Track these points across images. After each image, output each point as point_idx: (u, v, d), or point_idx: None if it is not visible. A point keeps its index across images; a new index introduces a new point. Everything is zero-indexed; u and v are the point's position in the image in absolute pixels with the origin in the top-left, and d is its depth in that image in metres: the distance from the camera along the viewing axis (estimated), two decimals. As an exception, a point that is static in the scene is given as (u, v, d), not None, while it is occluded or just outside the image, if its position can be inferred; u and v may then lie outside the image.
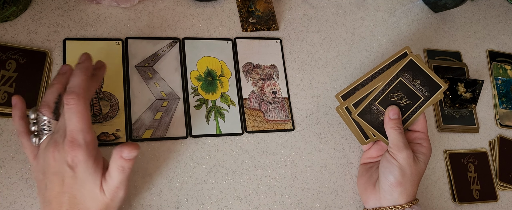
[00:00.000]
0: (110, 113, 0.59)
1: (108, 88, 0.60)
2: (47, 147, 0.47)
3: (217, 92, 0.65)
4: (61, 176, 0.46)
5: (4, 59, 0.56)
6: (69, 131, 0.45)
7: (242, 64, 0.67)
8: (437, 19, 0.85)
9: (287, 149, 0.66)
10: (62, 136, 0.46)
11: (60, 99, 0.49)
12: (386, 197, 0.59)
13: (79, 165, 0.45)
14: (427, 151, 0.61)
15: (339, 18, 0.77)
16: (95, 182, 0.47)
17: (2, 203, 0.52)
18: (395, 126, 0.60)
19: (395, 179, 0.58)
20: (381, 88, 0.62)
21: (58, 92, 0.49)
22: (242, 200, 0.61)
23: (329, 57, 0.73)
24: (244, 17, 0.70)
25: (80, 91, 0.45)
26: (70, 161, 0.45)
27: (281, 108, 0.67)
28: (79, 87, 0.45)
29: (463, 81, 0.76)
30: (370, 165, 0.65)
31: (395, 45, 0.78)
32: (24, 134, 0.49)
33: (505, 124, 0.81)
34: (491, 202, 0.74)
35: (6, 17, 0.57)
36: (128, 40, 0.63)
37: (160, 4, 0.67)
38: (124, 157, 0.46)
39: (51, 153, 0.46)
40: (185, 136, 0.61)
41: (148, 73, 0.62)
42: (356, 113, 0.62)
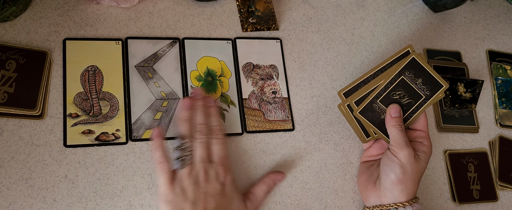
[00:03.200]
0: (110, 113, 0.59)
1: (108, 88, 0.60)
2: (194, 173, 0.54)
3: (217, 92, 0.65)
4: (212, 194, 0.53)
5: (4, 59, 0.56)
6: (219, 158, 0.55)
7: (242, 64, 0.67)
8: (437, 19, 0.85)
9: (287, 149, 0.66)
10: (207, 162, 0.54)
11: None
12: (386, 195, 0.59)
13: (228, 184, 0.55)
14: (428, 150, 0.61)
15: (339, 18, 0.77)
16: (240, 199, 0.56)
17: (2, 203, 0.52)
18: (396, 124, 0.60)
19: (396, 177, 0.58)
20: (383, 87, 0.62)
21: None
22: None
23: (329, 57, 0.73)
24: (244, 17, 0.70)
25: (222, 128, 0.58)
26: (223, 180, 0.54)
27: (281, 108, 0.67)
28: (220, 124, 0.58)
29: (463, 81, 0.76)
30: (370, 163, 0.65)
31: (395, 45, 0.78)
32: (165, 161, 0.54)
33: (505, 124, 0.81)
34: (491, 202, 0.74)
35: (6, 17, 0.57)
36: (128, 40, 0.63)
37: (160, 4, 0.67)
38: (276, 181, 0.61)
39: (202, 175, 0.53)
40: (185, 136, 0.61)
41: (148, 73, 0.62)
42: (358, 110, 0.62)
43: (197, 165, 0.54)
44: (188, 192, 0.52)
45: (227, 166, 0.55)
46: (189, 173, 0.53)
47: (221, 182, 0.54)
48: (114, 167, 0.57)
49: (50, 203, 0.54)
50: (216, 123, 0.57)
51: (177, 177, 0.54)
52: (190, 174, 0.53)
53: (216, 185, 0.54)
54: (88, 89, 0.59)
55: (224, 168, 0.55)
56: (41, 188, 0.54)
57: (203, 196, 0.52)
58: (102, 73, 0.60)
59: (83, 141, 0.57)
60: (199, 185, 0.53)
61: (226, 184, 0.55)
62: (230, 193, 0.55)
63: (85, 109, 0.58)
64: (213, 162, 0.55)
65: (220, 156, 0.55)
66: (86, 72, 0.60)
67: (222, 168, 0.55)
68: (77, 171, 0.56)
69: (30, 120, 0.56)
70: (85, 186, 0.56)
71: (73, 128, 0.57)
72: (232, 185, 0.55)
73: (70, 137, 0.56)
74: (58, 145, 0.56)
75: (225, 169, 0.55)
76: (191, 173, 0.53)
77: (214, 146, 0.56)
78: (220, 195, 0.54)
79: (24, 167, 0.54)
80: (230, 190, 0.55)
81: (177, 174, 0.54)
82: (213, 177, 0.54)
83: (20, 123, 0.56)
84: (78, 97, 0.58)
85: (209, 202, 0.52)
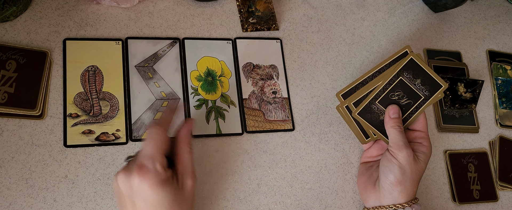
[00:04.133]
0: (110, 113, 0.59)
1: (108, 88, 0.60)
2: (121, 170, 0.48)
3: (217, 93, 0.65)
4: (131, 199, 0.47)
5: (4, 59, 0.56)
6: (139, 157, 0.47)
7: (242, 64, 0.67)
8: (437, 19, 0.85)
9: (287, 149, 0.66)
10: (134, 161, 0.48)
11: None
12: (386, 196, 0.59)
13: (147, 189, 0.46)
14: (427, 150, 0.61)
15: (339, 18, 0.77)
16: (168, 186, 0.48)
17: (2, 203, 0.52)
18: (395, 125, 0.60)
19: (395, 178, 0.58)
20: (381, 88, 0.62)
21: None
22: (242, 200, 0.61)
23: (329, 57, 0.73)
24: (244, 17, 0.70)
25: (160, 121, 0.50)
26: (136, 185, 0.46)
27: (281, 108, 0.67)
28: (162, 119, 0.51)
29: (463, 81, 0.76)
30: (370, 164, 0.65)
31: (395, 45, 0.78)
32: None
33: (505, 124, 0.80)
34: (491, 202, 0.74)
35: (6, 17, 0.57)
36: (128, 40, 0.63)
37: (160, 4, 0.67)
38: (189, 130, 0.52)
39: (121, 176, 0.47)
40: (185, 136, 0.61)
41: (148, 73, 0.62)
42: (357, 111, 0.62)
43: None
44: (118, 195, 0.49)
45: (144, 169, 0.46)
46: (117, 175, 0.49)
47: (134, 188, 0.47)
48: (114, 167, 0.57)
49: (50, 203, 0.54)
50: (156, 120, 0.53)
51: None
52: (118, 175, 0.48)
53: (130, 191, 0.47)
54: (88, 89, 0.59)
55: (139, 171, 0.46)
56: (41, 188, 0.54)
57: (124, 198, 0.48)
58: (102, 73, 0.60)
59: (83, 141, 0.57)
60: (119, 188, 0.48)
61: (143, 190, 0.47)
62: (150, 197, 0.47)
63: (85, 109, 0.58)
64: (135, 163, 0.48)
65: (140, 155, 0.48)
66: (86, 72, 0.60)
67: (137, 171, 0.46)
68: (77, 171, 0.56)
69: (30, 120, 0.56)
70: (85, 186, 0.56)
71: (73, 128, 0.57)
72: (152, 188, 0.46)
73: (70, 137, 0.56)
74: (58, 145, 0.56)
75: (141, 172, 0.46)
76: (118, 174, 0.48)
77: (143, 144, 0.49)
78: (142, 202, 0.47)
79: (24, 167, 0.54)
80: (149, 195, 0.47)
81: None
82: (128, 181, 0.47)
83: (20, 123, 0.56)
84: (78, 98, 0.58)
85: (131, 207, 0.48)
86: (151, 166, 0.47)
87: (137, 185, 0.46)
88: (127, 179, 0.47)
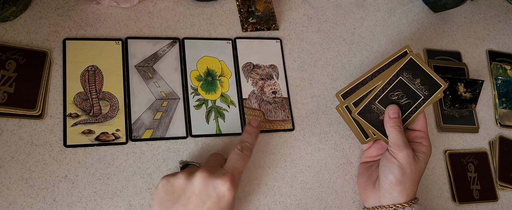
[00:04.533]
0: (110, 113, 0.59)
1: (108, 88, 0.60)
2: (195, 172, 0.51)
3: (217, 92, 0.65)
4: (204, 199, 0.50)
5: (4, 59, 0.56)
6: (232, 168, 0.52)
7: (242, 64, 0.67)
8: (437, 19, 0.85)
9: (287, 149, 0.66)
10: (218, 167, 0.53)
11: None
12: (386, 196, 0.59)
13: (228, 198, 0.50)
14: (427, 150, 0.60)
15: (339, 18, 0.77)
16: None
17: (2, 203, 0.52)
18: (395, 125, 0.59)
19: (395, 178, 0.58)
20: (381, 87, 0.62)
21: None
22: (242, 200, 0.61)
23: (329, 57, 0.73)
24: (244, 17, 0.70)
25: (253, 147, 0.56)
26: (223, 191, 0.50)
27: (281, 107, 0.67)
28: (254, 144, 0.56)
29: (463, 81, 0.76)
30: (370, 164, 0.65)
31: (395, 45, 0.78)
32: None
33: (505, 124, 0.80)
34: (491, 202, 0.74)
35: (6, 17, 0.57)
36: (128, 40, 0.63)
37: (160, 4, 0.67)
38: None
39: (202, 175, 0.50)
40: (185, 136, 0.61)
41: (148, 73, 0.62)
42: (356, 111, 0.62)
43: (203, 163, 0.55)
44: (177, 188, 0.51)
45: (235, 180, 0.51)
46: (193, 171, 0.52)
47: (219, 193, 0.50)
48: (114, 167, 0.57)
49: (50, 203, 0.54)
50: (251, 141, 0.56)
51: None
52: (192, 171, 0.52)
53: (213, 193, 0.50)
54: (88, 89, 0.59)
55: (232, 179, 0.50)
56: (41, 188, 0.54)
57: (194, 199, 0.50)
58: (102, 73, 0.60)
59: (83, 141, 0.57)
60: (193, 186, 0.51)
61: (223, 197, 0.50)
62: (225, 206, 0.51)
63: (85, 108, 0.58)
64: (224, 170, 0.52)
65: (234, 167, 0.52)
66: (86, 72, 0.60)
67: (230, 179, 0.50)
68: (77, 171, 0.56)
69: (30, 120, 0.56)
70: (85, 186, 0.56)
71: (73, 128, 0.57)
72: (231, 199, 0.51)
73: (70, 137, 0.56)
74: (58, 145, 0.56)
75: (232, 181, 0.50)
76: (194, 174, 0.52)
77: (234, 157, 0.54)
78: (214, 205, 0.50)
79: (24, 167, 0.54)
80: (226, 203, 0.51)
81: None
82: (213, 183, 0.50)
83: (20, 123, 0.56)
84: (78, 97, 0.58)
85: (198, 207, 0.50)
86: (238, 181, 0.52)
87: (223, 191, 0.50)
88: (212, 181, 0.50)
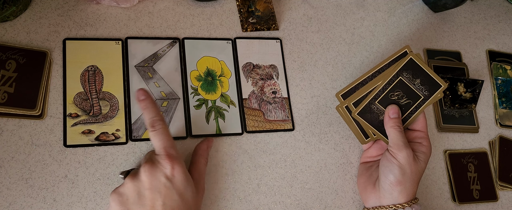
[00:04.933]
0: (110, 113, 0.59)
1: (108, 88, 0.60)
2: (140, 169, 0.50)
3: (217, 92, 0.65)
4: (157, 189, 0.49)
5: (4, 59, 0.56)
6: (162, 148, 0.50)
7: (242, 64, 0.67)
8: (437, 19, 0.85)
9: (287, 149, 0.66)
10: (153, 156, 0.51)
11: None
12: (386, 196, 0.59)
13: (177, 175, 0.50)
14: (427, 150, 0.60)
15: (339, 18, 0.77)
16: (193, 187, 0.52)
17: (2, 203, 0.52)
18: (395, 125, 0.59)
19: (395, 178, 0.58)
20: (381, 88, 0.62)
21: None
22: (242, 200, 0.61)
23: (329, 57, 0.73)
24: (244, 17, 0.70)
25: (160, 117, 0.52)
26: (169, 172, 0.49)
27: (281, 107, 0.67)
28: (157, 114, 0.52)
29: (463, 81, 0.76)
30: (370, 164, 0.65)
31: (395, 45, 0.78)
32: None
33: (505, 124, 0.80)
34: (491, 202, 0.74)
35: (6, 17, 0.57)
36: (128, 40, 0.63)
37: (160, 4, 0.67)
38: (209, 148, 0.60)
39: (144, 169, 0.49)
40: (185, 136, 0.61)
41: (148, 73, 0.62)
42: (356, 112, 0.62)
43: (142, 163, 0.52)
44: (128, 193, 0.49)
45: (172, 156, 0.50)
46: (136, 172, 0.51)
47: (167, 176, 0.49)
48: (114, 167, 0.57)
49: (50, 203, 0.54)
50: (152, 114, 0.52)
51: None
52: (135, 173, 0.51)
53: (162, 179, 0.49)
54: (88, 89, 0.59)
55: (169, 158, 0.50)
56: (41, 188, 0.54)
57: (148, 193, 0.49)
58: (102, 73, 0.60)
59: (83, 141, 0.57)
60: (142, 183, 0.49)
61: (172, 176, 0.50)
62: (180, 184, 0.50)
63: (85, 108, 0.58)
64: (158, 155, 0.51)
65: (163, 147, 0.51)
66: (86, 72, 0.60)
67: (168, 159, 0.50)
68: (77, 171, 0.56)
69: (30, 120, 0.56)
70: (85, 186, 0.56)
71: (73, 128, 0.57)
72: (181, 175, 0.50)
73: (70, 137, 0.56)
74: (58, 145, 0.56)
75: (171, 159, 0.50)
76: (135, 174, 0.51)
77: (153, 139, 0.51)
78: (168, 189, 0.49)
79: (24, 167, 0.54)
80: (179, 181, 0.50)
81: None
82: (157, 170, 0.49)
83: (20, 123, 0.56)
84: (78, 97, 0.58)
85: (155, 199, 0.49)
86: (176, 154, 0.51)
87: (169, 172, 0.49)
88: (155, 169, 0.49)
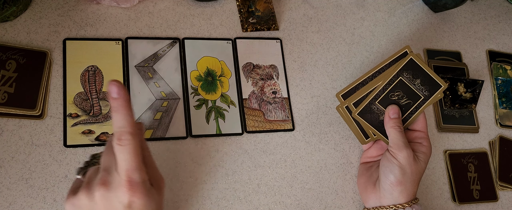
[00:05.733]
0: (110, 113, 0.59)
1: (108, 88, 0.60)
2: (93, 186, 0.42)
3: (217, 93, 0.65)
4: None
5: (4, 59, 0.56)
6: (124, 171, 0.40)
7: (242, 64, 0.67)
8: (437, 19, 0.85)
9: (287, 149, 0.66)
10: (113, 174, 0.41)
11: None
12: (386, 196, 0.59)
13: (137, 201, 0.41)
14: (427, 150, 0.60)
15: (339, 18, 0.77)
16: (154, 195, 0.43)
17: (2, 203, 0.52)
18: (395, 125, 0.59)
19: (396, 178, 0.58)
20: (381, 88, 0.62)
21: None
22: (242, 200, 0.61)
23: (329, 57, 0.73)
24: (244, 17, 0.70)
25: (131, 128, 0.41)
26: (127, 200, 0.41)
27: (281, 108, 0.67)
28: (128, 123, 0.41)
29: (463, 81, 0.76)
30: (370, 164, 0.65)
31: (395, 45, 0.78)
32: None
33: (505, 124, 0.80)
34: (491, 202, 0.74)
35: (6, 17, 0.57)
36: (128, 40, 0.63)
37: (160, 4, 0.67)
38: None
39: (100, 192, 0.41)
40: (185, 136, 0.61)
41: (148, 73, 0.62)
42: (357, 112, 0.62)
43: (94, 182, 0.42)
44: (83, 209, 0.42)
45: (134, 182, 0.41)
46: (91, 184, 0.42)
47: (124, 205, 0.41)
48: (114, 167, 0.57)
49: (50, 203, 0.54)
50: (122, 123, 0.41)
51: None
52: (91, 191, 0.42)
53: (119, 207, 0.41)
54: (88, 89, 0.59)
55: (130, 185, 0.41)
56: (41, 188, 0.54)
57: None
58: (102, 73, 0.60)
59: (83, 141, 0.57)
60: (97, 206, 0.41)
61: (134, 202, 0.41)
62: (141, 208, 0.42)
63: (85, 109, 0.58)
64: (119, 177, 0.41)
65: (126, 169, 0.41)
66: (86, 72, 0.60)
67: (128, 186, 0.41)
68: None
69: (30, 120, 0.56)
70: (85, 186, 0.56)
71: (73, 128, 0.57)
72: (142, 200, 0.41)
73: (70, 137, 0.56)
74: (58, 145, 0.56)
75: (132, 186, 0.41)
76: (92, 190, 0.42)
77: (117, 154, 0.41)
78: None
79: (24, 167, 0.54)
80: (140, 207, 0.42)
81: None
82: (114, 197, 0.41)
83: (20, 123, 0.56)
84: (78, 98, 0.58)
85: None
86: (140, 180, 0.41)
87: (128, 201, 0.41)
88: (112, 195, 0.41)
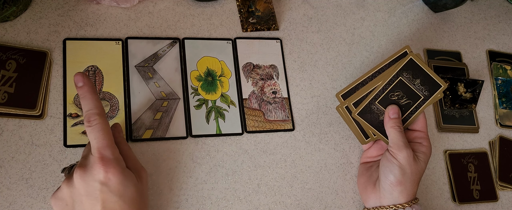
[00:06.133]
0: (110, 113, 0.59)
1: (108, 88, 0.60)
2: (72, 174, 0.47)
3: (217, 92, 0.65)
4: (93, 194, 0.45)
5: (4, 59, 0.56)
6: (96, 149, 0.46)
7: (242, 64, 0.67)
8: (437, 19, 0.85)
9: (287, 149, 0.66)
10: (89, 157, 0.46)
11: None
12: (386, 196, 0.59)
13: (113, 178, 0.46)
14: (427, 150, 0.60)
15: (339, 18, 0.77)
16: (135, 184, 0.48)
17: (2, 203, 0.52)
18: (395, 125, 0.59)
19: (395, 178, 0.58)
20: (381, 88, 0.62)
21: None
22: (242, 200, 0.61)
23: (329, 57, 0.73)
24: (244, 17, 0.70)
25: (98, 110, 0.47)
26: (103, 177, 0.45)
27: (281, 108, 0.67)
28: (95, 106, 0.47)
29: (463, 81, 0.76)
30: (370, 164, 0.65)
31: (395, 45, 0.78)
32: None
33: (505, 124, 0.80)
34: (491, 202, 0.74)
35: (6, 17, 0.57)
36: (128, 40, 0.63)
37: (160, 4, 0.67)
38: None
39: (77, 174, 0.45)
40: (185, 136, 0.61)
41: (148, 73, 0.62)
42: (356, 112, 0.62)
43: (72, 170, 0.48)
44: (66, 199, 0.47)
45: (105, 160, 0.45)
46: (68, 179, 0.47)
47: (102, 181, 0.45)
48: (114, 167, 0.57)
49: (50, 203, 0.54)
50: (90, 106, 0.47)
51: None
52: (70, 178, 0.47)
53: (97, 185, 0.45)
54: (88, 90, 0.59)
55: (102, 162, 0.45)
56: (41, 188, 0.54)
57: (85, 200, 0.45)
58: (102, 73, 0.60)
59: (83, 141, 0.57)
60: (77, 190, 0.46)
61: (110, 179, 0.45)
62: (117, 186, 0.46)
63: (85, 109, 0.58)
64: (92, 156, 0.46)
65: (97, 147, 0.46)
66: (86, 72, 0.60)
67: (101, 163, 0.45)
68: (77, 171, 0.56)
69: (30, 120, 0.56)
70: (85, 186, 0.56)
71: (73, 128, 0.57)
72: (118, 176, 0.46)
73: (70, 137, 0.56)
74: (58, 145, 0.56)
75: (104, 162, 0.45)
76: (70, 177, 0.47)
77: (89, 136, 0.46)
78: (105, 193, 0.45)
79: (24, 167, 0.54)
80: (116, 183, 0.46)
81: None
82: (90, 176, 0.45)
83: (20, 123, 0.56)
84: (78, 98, 0.58)
85: (94, 205, 0.45)
86: (111, 156, 0.46)
87: (103, 177, 0.45)
88: (88, 175, 0.45)
